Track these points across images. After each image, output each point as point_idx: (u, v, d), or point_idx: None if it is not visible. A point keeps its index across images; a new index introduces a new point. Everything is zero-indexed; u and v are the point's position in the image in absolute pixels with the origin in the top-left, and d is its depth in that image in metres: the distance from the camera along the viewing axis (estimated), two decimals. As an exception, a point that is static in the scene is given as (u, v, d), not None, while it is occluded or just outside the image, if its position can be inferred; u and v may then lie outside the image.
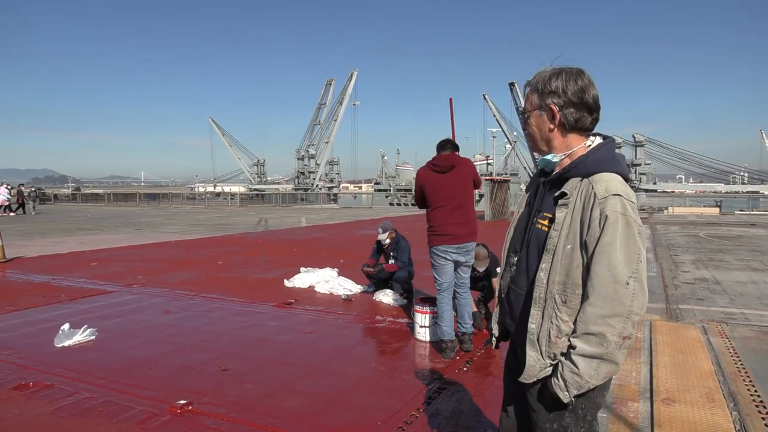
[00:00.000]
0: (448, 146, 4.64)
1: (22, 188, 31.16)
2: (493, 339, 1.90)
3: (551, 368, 1.60)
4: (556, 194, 1.63)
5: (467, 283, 4.75)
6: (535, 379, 1.63)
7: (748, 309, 6.50)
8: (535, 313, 1.61)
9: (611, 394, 3.67)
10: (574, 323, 1.56)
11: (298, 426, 3.19)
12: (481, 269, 5.25)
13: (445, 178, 4.52)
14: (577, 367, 1.52)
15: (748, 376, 4.12)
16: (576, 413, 1.62)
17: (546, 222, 1.64)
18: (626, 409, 3.48)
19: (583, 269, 1.56)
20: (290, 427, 3.17)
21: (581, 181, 1.60)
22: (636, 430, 3.22)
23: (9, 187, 28.79)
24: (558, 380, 1.56)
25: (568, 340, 1.56)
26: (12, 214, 27.07)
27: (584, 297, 1.54)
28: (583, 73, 1.65)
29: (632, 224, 1.52)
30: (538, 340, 1.61)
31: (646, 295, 1.53)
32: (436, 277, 4.66)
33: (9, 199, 27.73)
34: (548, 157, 1.70)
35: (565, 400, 1.55)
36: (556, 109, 1.64)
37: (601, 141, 1.68)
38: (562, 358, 1.56)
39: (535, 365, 1.61)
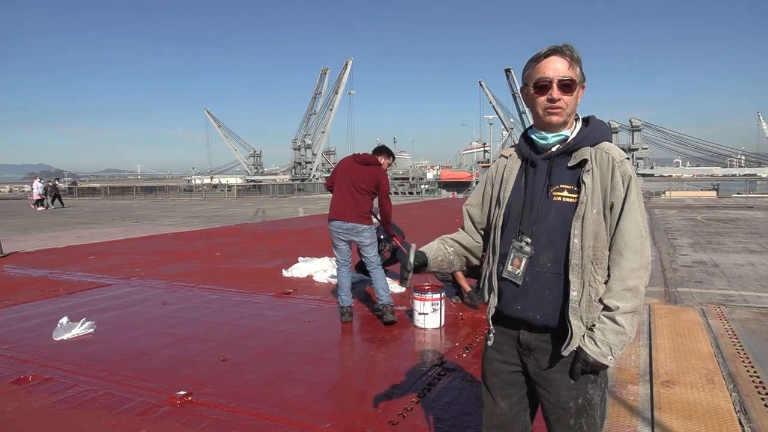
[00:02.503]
0: (377, 150, 5.41)
1: (57, 182, 33.06)
2: (492, 336, 1.82)
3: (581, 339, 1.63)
4: (571, 164, 1.69)
5: (373, 262, 5.20)
6: (572, 351, 1.63)
7: (747, 291, 6.52)
8: (574, 280, 1.62)
9: (611, 377, 3.68)
10: (605, 283, 1.64)
11: (299, 414, 3.19)
12: None
13: (356, 168, 5.16)
14: (622, 326, 1.59)
15: (747, 358, 4.13)
16: (596, 383, 1.69)
17: (566, 193, 1.68)
18: (626, 392, 3.49)
19: (607, 230, 1.65)
20: (290, 416, 3.16)
21: (591, 149, 1.69)
22: (636, 412, 3.22)
23: (42, 181, 29.41)
24: (600, 347, 1.59)
25: (601, 303, 1.62)
26: (40, 208, 27.32)
27: (615, 255, 1.64)
28: None
29: (639, 184, 1.68)
30: (579, 307, 1.63)
31: None
32: (335, 253, 5.34)
33: (42, 194, 28.06)
34: (565, 132, 1.73)
35: (611, 365, 1.62)
36: (584, 90, 1.76)
37: (582, 117, 1.78)
38: (600, 324, 1.61)
39: (578, 333, 1.62)
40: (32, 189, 29.29)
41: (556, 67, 1.66)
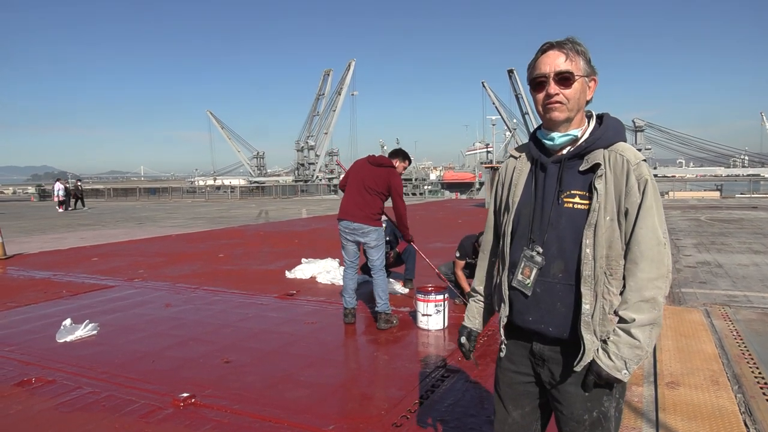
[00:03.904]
0: (393, 152, 5.42)
1: (79, 184, 33.13)
2: (504, 347, 1.78)
3: (596, 351, 1.56)
4: (583, 168, 1.60)
5: (376, 266, 5.17)
6: (584, 365, 1.57)
7: (751, 291, 6.49)
8: (586, 292, 1.55)
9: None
10: (621, 294, 1.57)
11: (302, 416, 3.18)
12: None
13: (369, 169, 5.15)
14: (638, 340, 1.51)
15: (752, 358, 4.11)
16: (612, 395, 1.62)
17: (577, 199, 1.59)
18: (630, 394, 3.47)
19: (621, 238, 1.57)
20: (293, 418, 3.16)
21: (604, 151, 1.60)
22: (640, 414, 3.21)
23: (65, 183, 29.78)
24: (614, 361, 1.52)
25: (617, 315, 1.55)
26: (61, 209, 27.55)
27: (631, 265, 1.55)
28: None
29: (657, 187, 1.59)
30: (592, 320, 1.56)
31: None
32: (342, 253, 5.34)
33: (64, 196, 28.36)
34: (573, 132, 1.63)
35: (625, 379, 1.54)
36: (596, 83, 1.65)
37: (596, 114, 1.69)
38: (614, 337, 1.53)
39: (591, 348, 1.55)
40: (54, 191, 29.73)
41: (552, 62, 1.58)
